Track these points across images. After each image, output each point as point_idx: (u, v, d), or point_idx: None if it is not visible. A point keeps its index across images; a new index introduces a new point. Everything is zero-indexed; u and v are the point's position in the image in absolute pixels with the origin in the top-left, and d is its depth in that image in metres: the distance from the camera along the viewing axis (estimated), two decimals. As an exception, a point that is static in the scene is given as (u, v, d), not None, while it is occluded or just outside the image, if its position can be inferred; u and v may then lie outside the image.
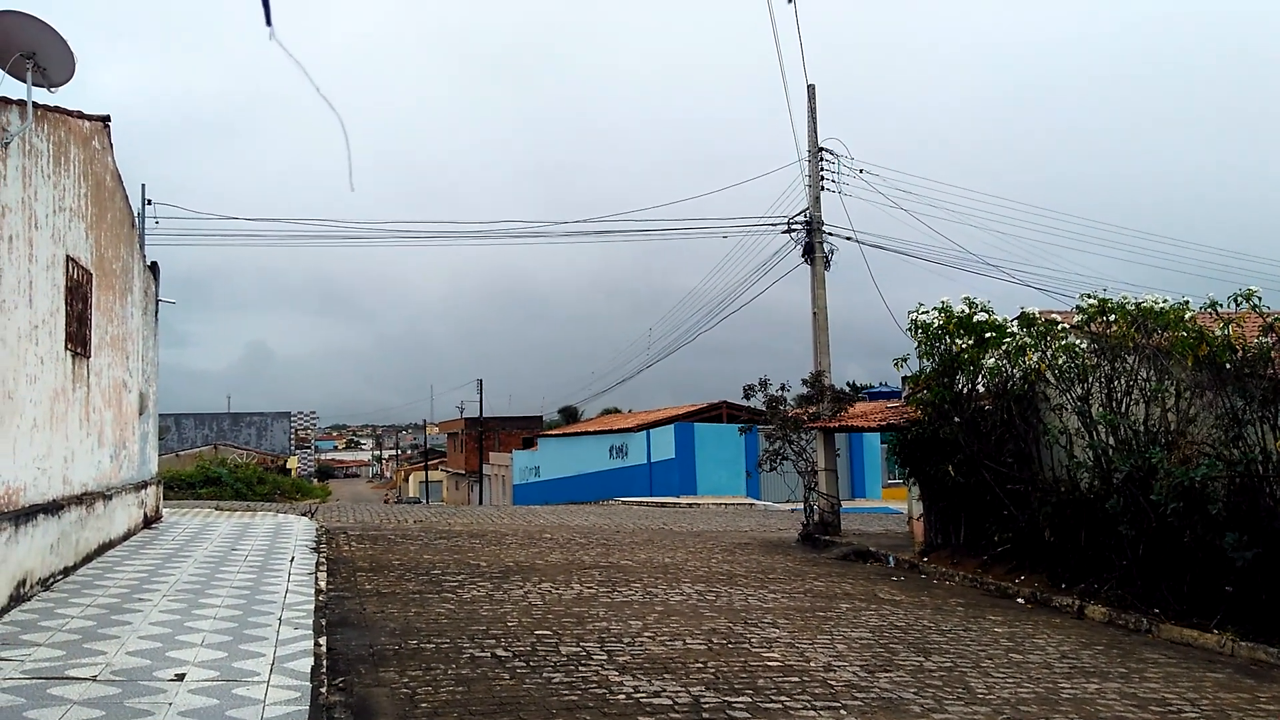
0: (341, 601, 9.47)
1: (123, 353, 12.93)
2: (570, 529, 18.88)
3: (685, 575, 12.41)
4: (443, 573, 11.65)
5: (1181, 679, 7.82)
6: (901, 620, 9.88)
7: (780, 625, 9.25)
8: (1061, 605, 11.13)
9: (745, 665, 7.53)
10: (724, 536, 18.80)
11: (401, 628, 8.34)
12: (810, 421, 19.26)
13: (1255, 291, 10.39)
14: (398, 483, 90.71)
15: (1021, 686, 7.27)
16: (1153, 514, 10.24)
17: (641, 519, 23.72)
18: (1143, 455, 10.64)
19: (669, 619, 9.30)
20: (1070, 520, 11.72)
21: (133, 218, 14.19)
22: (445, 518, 21.51)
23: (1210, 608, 9.68)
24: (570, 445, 49.83)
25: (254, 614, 8.20)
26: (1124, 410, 11.35)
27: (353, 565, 11.97)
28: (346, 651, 7.36)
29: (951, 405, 13.82)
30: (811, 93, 21.06)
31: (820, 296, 20.90)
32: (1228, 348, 10.17)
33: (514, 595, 10.27)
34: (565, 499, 41.51)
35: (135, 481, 13.57)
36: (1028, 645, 8.89)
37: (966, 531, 14.29)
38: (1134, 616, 10.17)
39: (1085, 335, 12.12)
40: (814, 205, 21.07)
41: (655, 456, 40.86)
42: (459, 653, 7.50)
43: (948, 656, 8.19)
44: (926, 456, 14.59)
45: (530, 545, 15.20)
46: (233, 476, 32.16)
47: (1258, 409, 9.88)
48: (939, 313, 14.03)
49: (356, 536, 15.29)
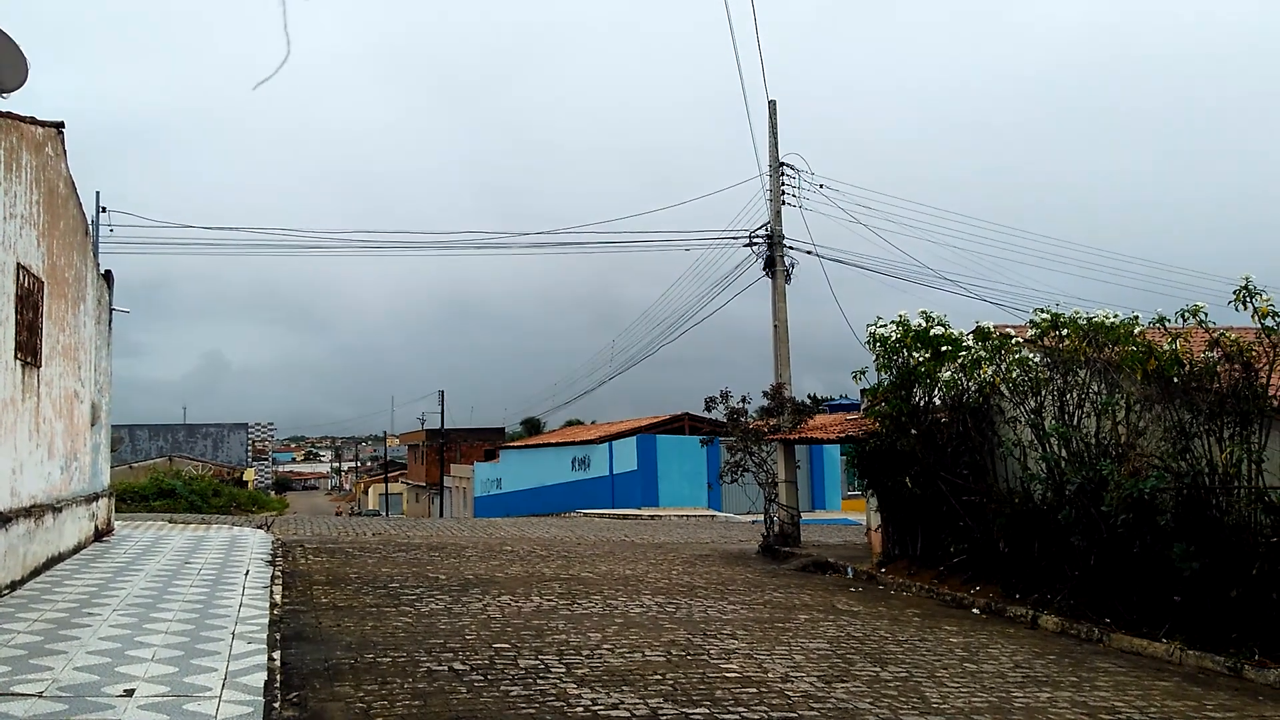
0: (297, 615, 9.36)
1: (75, 362, 12.70)
2: (531, 541, 18.80)
3: (645, 587, 12.41)
4: (401, 586, 11.56)
5: (1131, 688, 7.97)
6: (859, 631, 9.97)
7: (739, 637, 9.29)
8: (1015, 615, 11.29)
9: (704, 677, 7.56)
10: (685, 548, 18.83)
11: (358, 641, 8.26)
12: (771, 434, 19.37)
13: (1201, 307, 10.64)
14: (357, 495, 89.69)
15: (975, 696, 7.37)
16: (1104, 525, 10.43)
17: (603, 531, 23.68)
18: (1094, 467, 10.85)
19: (628, 631, 9.30)
20: (1024, 531, 11.90)
21: (86, 225, 13.97)
22: (404, 530, 21.33)
23: (1159, 617, 9.86)
24: (532, 457, 49.62)
25: (207, 628, 8.08)
26: (1076, 423, 11.56)
27: (309, 579, 11.83)
28: (301, 666, 7.28)
29: (908, 418, 13.99)
30: (773, 109, 21.27)
31: (781, 309, 21.07)
32: (1175, 362, 10.39)
33: (473, 608, 10.22)
34: (527, 511, 41.32)
35: (86, 494, 13.31)
36: (982, 655, 9.01)
37: (923, 542, 14.45)
38: (1086, 626, 10.35)
39: (1038, 349, 12.33)
40: (775, 219, 21.25)
41: (618, 468, 40.83)
42: (416, 666, 7.45)
43: (903, 667, 8.28)
44: (884, 468, 14.74)
45: (490, 558, 15.12)
46: (187, 489, 31.66)
47: (1204, 422, 10.10)
48: (896, 326, 14.21)
49: (313, 549, 15.11)
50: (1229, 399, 9.89)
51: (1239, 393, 9.85)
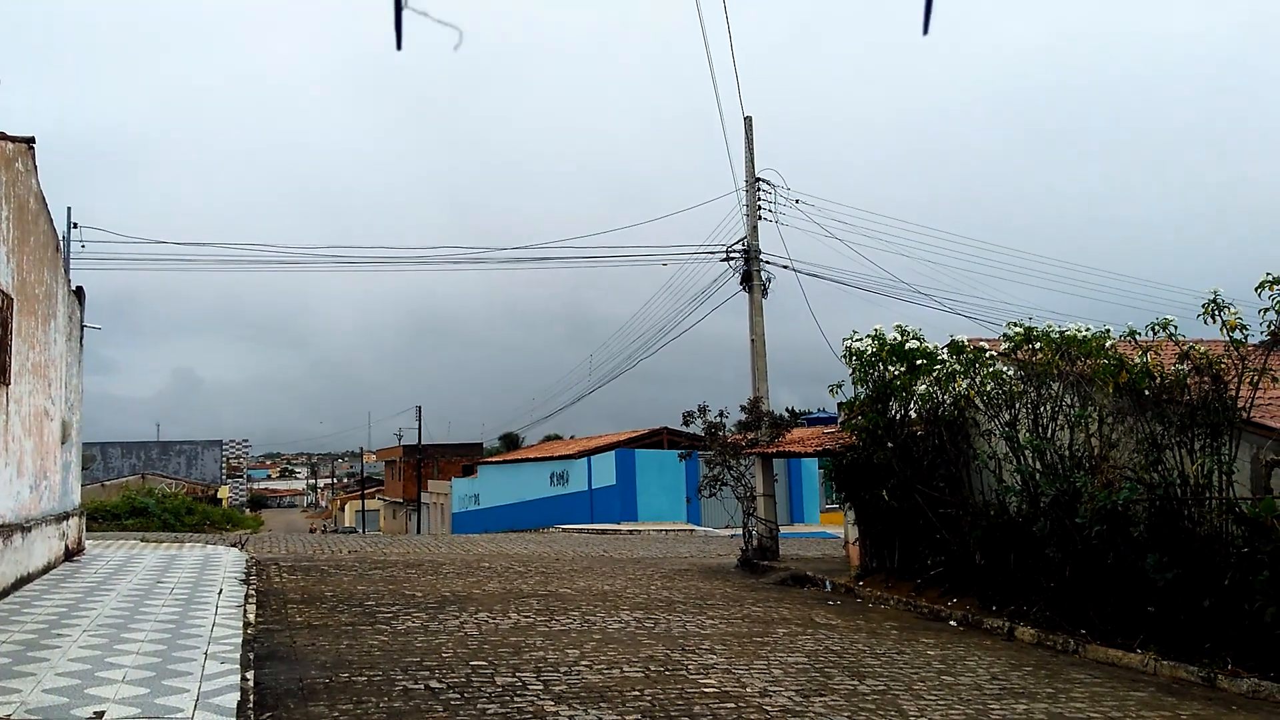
0: (271, 634, 9.25)
1: (45, 380, 12.54)
2: (509, 557, 18.71)
3: (624, 603, 12.37)
4: (377, 604, 11.46)
5: (1106, 699, 8.01)
6: (837, 644, 9.98)
7: (718, 651, 9.27)
8: (992, 627, 11.35)
9: (682, 692, 7.53)
10: (664, 563, 18.80)
11: (333, 660, 8.18)
12: (749, 447, 19.39)
13: (1171, 320, 10.76)
14: (333, 512, 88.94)
15: (952, 709, 7.39)
16: (1078, 537, 10.51)
17: (582, 546, 23.60)
18: (1068, 479, 10.94)
19: (607, 647, 9.26)
20: (1000, 543, 11.97)
21: (57, 241, 13.84)
22: (381, 547, 21.16)
23: (1134, 628, 9.94)
24: (510, 472, 49.42)
25: (179, 648, 7.98)
26: (1050, 435, 11.66)
27: (283, 597, 11.70)
28: (275, 686, 7.19)
29: (885, 431, 14.06)
30: (749, 124, 21.40)
31: (758, 324, 21.15)
32: (1146, 375, 10.51)
33: (450, 626, 10.14)
34: (505, 527, 41.12)
35: (56, 513, 13.13)
36: (959, 667, 9.04)
37: (901, 555, 14.50)
38: (1061, 637, 10.41)
39: (1012, 363, 12.44)
40: (752, 234, 21.35)
41: (596, 483, 40.73)
42: (391, 685, 7.38)
43: (881, 680, 8.29)
44: (861, 481, 14.79)
45: (468, 574, 15.03)
46: (160, 507, 31.27)
47: (1175, 434, 10.22)
48: (872, 340, 14.29)
49: (288, 568, 14.96)
50: (1199, 411, 10.02)
51: (1209, 405, 9.97)
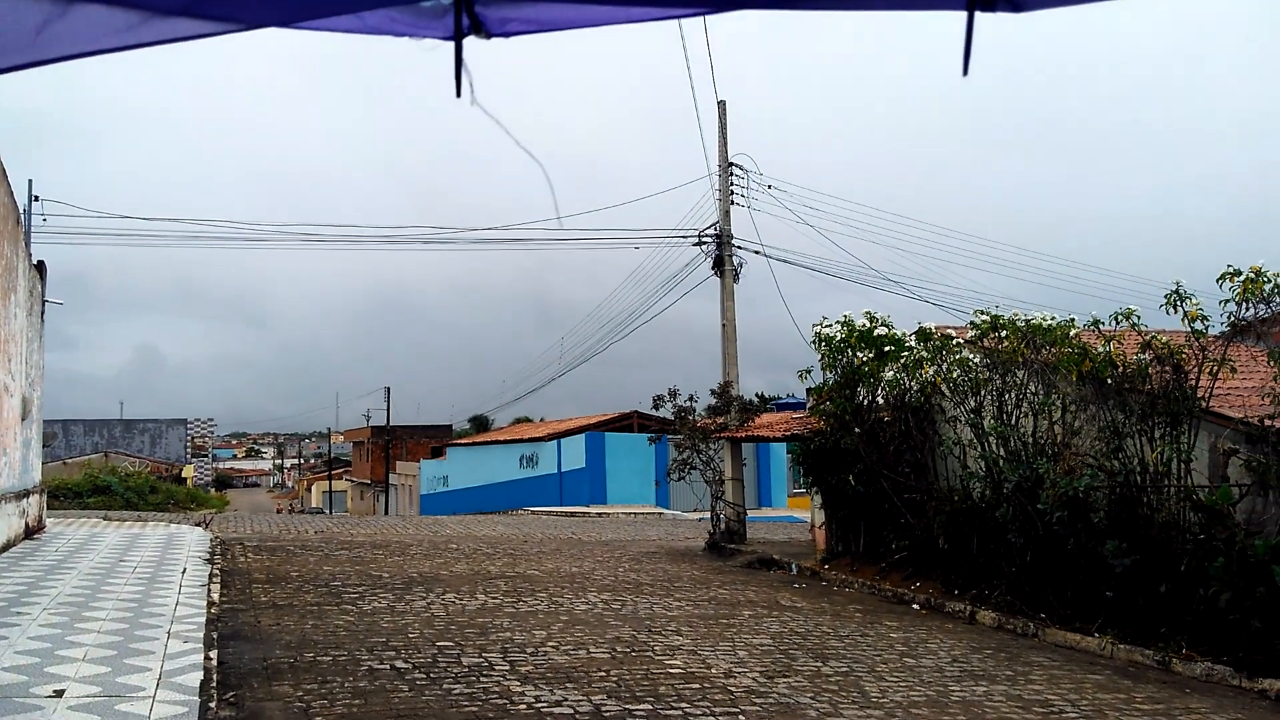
0: (235, 614, 9.20)
1: (4, 355, 12.33)
2: (477, 539, 18.68)
3: (592, 584, 12.41)
4: (343, 584, 11.41)
5: (1064, 681, 8.17)
6: (801, 627, 10.08)
7: (684, 633, 9.34)
8: (954, 610, 11.51)
9: (648, 673, 7.59)
10: (632, 545, 18.86)
11: (298, 640, 8.14)
12: (718, 432, 19.46)
13: (1134, 311, 10.91)
14: (300, 492, 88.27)
15: (914, 690, 7.50)
16: (1039, 522, 10.67)
17: (550, 528, 23.62)
18: (1030, 466, 11.09)
19: (574, 628, 9.30)
20: (963, 528, 12.12)
21: (18, 214, 13.57)
22: (348, 528, 21.06)
23: (1092, 612, 10.12)
24: (480, 455, 49.28)
25: (141, 627, 7.91)
26: (1014, 422, 11.81)
27: (248, 577, 11.63)
28: (239, 665, 7.16)
29: (852, 416, 14.17)
30: (723, 109, 21.35)
31: (729, 308, 21.20)
32: (1109, 364, 10.66)
33: (416, 606, 10.13)
34: (474, 509, 41.03)
35: (16, 490, 12.93)
36: (921, 650, 9.17)
37: (866, 539, 14.65)
38: (1022, 621, 10.58)
39: (978, 350, 12.57)
40: (724, 219, 21.36)
41: (566, 466, 40.73)
42: (357, 665, 7.37)
43: (844, 661, 8.39)
44: (828, 466, 14.91)
45: (435, 556, 15.00)
46: (123, 485, 30.86)
47: (1136, 422, 10.39)
48: (841, 326, 14.39)
49: (253, 547, 14.85)
50: (1160, 400, 10.19)
51: (1169, 394, 10.14)
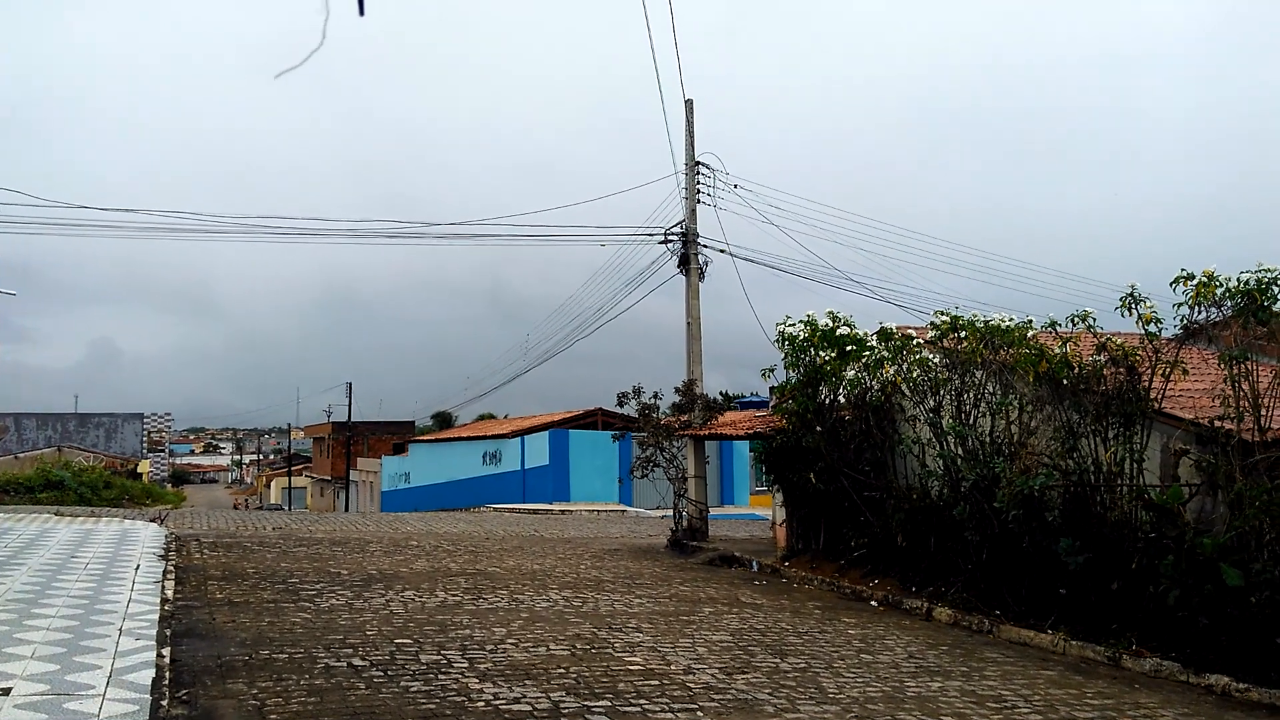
0: (189, 611, 9.07)
1: (-48, 346, 12.05)
2: (438, 536, 18.58)
3: (553, 582, 12.39)
4: (300, 581, 11.29)
5: (1017, 677, 8.29)
6: (761, 623, 10.14)
7: (644, 630, 9.35)
8: (911, 608, 11.63)
9: (607, 670, 7.59)
10: (594, 543, 18.87)
11: (253, 638, 8.05)
12: (682, 429, 19.51)
13: (1090, 313, 11.10)
14: (259, 488, 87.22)
15: (870, 686, 7.57)
16: (995, 521, 10.82)
17: (513, 526, 23.55)
18: (988, 465, 11.25)
19: (534, 625, 9.28)
20: (921, 526, 12.26)
21: (-32, 202, 13.26)
22: (307, 524, 20.85)
23: (1046, 609, 10.28)
24: (442, 451, 48.99)
25: (92, 624, 7.78)
26: (972, 422, 11.96)
27: (204, 573, 11.47)
28: (192, 663, 7.06)
29: (814, 415, 14.27)
30: (689, 107, 21.40)
31: (694, 306, 21.27)
32: (1065, 365, 10.84)
33: (375, 604, 10.05)
34: (436, 506, 40.79)
35: (-37, 485, 12.66)
36: (878, 646, 9.26)
37: (826, 537, 14.77)
38: (977, 618, 10.72)
39: (938, 350, 12.71)
40: (690, 217, 21.42)
41: (529, 463, 40.59)
42: (313, 663, 7.29)
43: (803, 658, 8.46)
44: (790, 464, 15.01)
45: (395, 553, 14.89)
46: (77, 480, 30.34)
47: (1090, 423, 10.57)
48: (805, 326, 14.49)
49: (209, 544, 14.65)
50: (1114, 400, 10.37)
51: (1123, 395, 10.33)
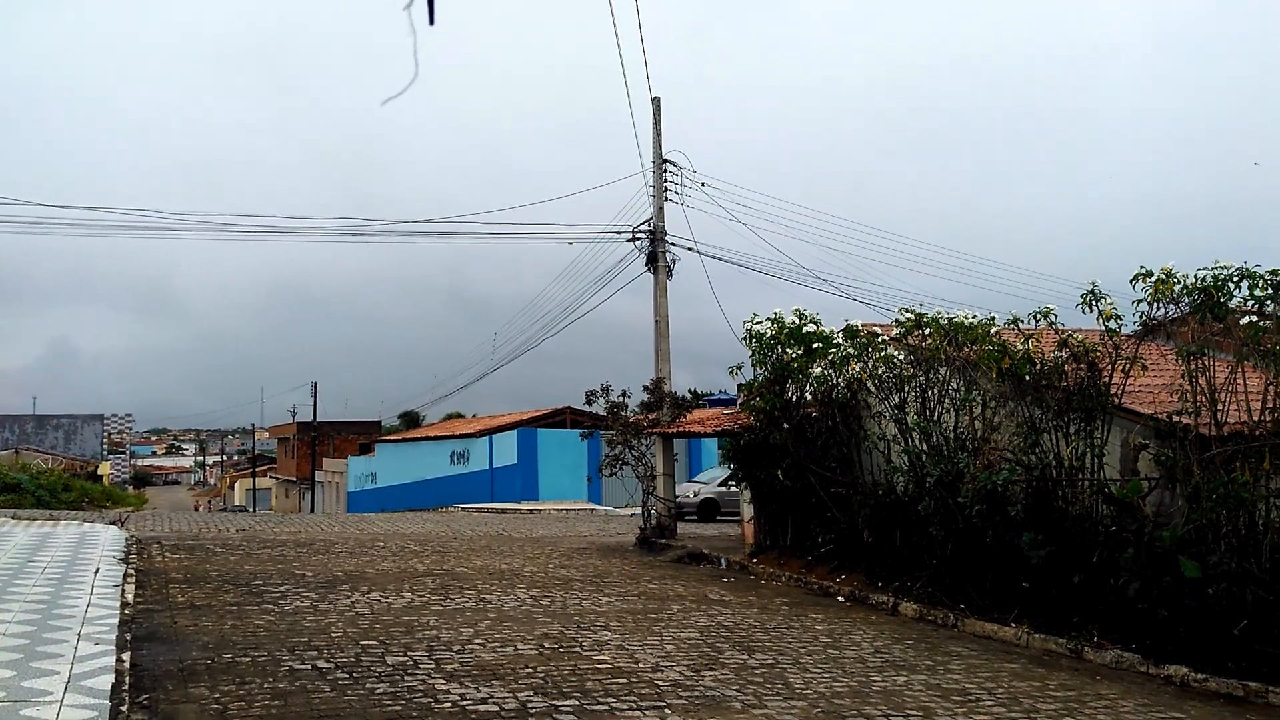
0: (151, 615, 8.93)
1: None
2: (405, 536, 18.45)
3: (521, 581, 12.35)
4: (264, 583, 11.17)
5: (981, 670, 8.38)
6: (729, 620, 10.17)
7: (612, 628, 9.35)
8: (878, 603, 11.73)
9: (575, 669, 7.58)
10: (563, 541, 18.83)
11: (216, 641, 7.94)
12: (650, 427, 19.52)
13: (1052, 310, 11.24)
14: (222, 490, 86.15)
15: (837, 681, 7.62)
16: (960, 515, 10.93)
17: (481, 525, 23.45)
18: (952, 460, 11.36)
19: (501, 625, 9.24)
20: (887, 522, 12.36)
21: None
22: (271, 526, 20.62)
23: (1010, 603, 10.40)
24: (409, 451, 48.67)
25: (50, 629, 7.63)
26: (936, 418, 12.07)
27: (165, 577, 11.31)
28: (153, 667, 6.95)
29: (781, 412, 14.34)
30: (657, 105, 21.42)
31: (662, 305, 21.30)
32: (1027, 361, 10.97)
33: (340, 605, 9.96)
34: (403, 506, 40.50)
35: (-85, 489, 12.38)
36: (845, 641, 9.32)
37: (793, 533, 14.85)
38: (942, 612, 10.83)
39: (903, 347, 12.81)
40: (657, 215, 21.44)
41: (498, 462, 40.44)
42: (277, 666, 7.21)
43: (770, 654, 8.49)
44: (758, 461, 15.07)
45: (361, 554, 14.77)
46: (34, 483, 29.77)
47: (1052, 418, 10.71)
48: (772, 324, 14.55)
49: (171, 546, 14.45)
50: (1075, 396, 10.52)
51: (1084, 390, 10.48)
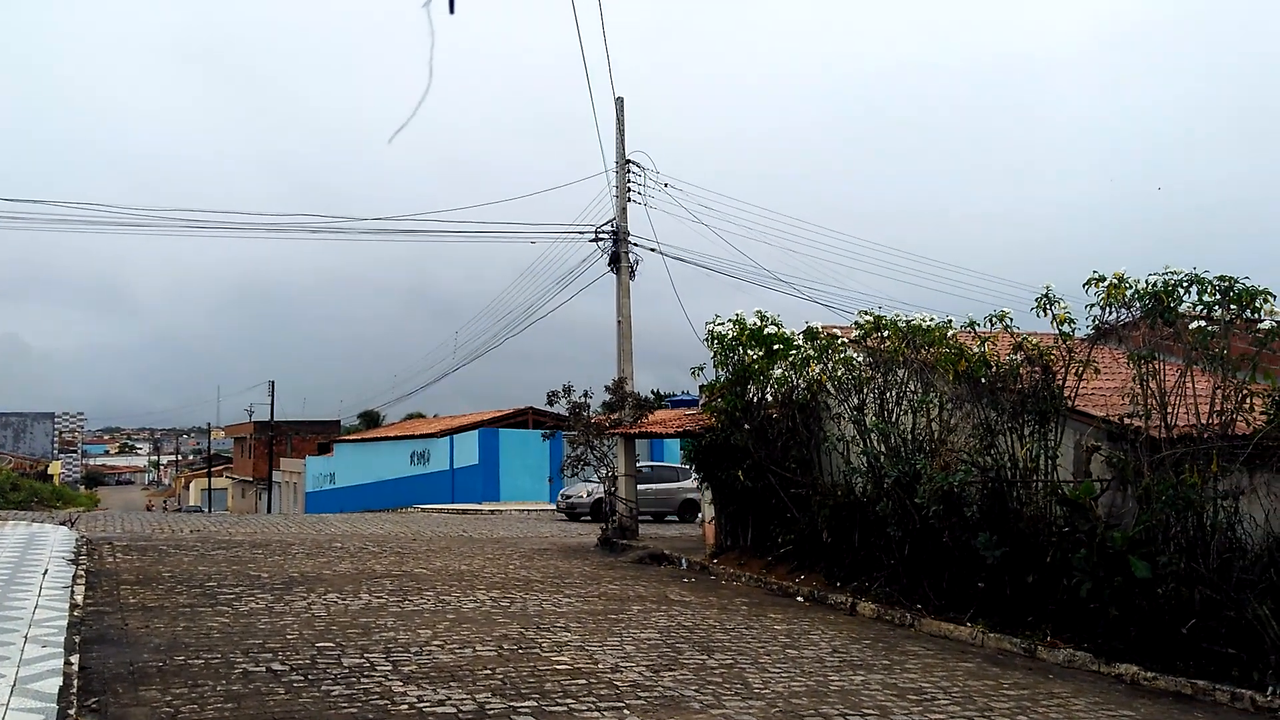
0: (101, 617, 8.76)
1: None
2: (363, 537, 18.28)
3: (481, 582, 12.28)
4: (218, 585, 11.00)
5: (937, 669, 8.48)
6: (689, 620, 10.19)
7: (572, 629, 9.33)
8: (836, 603, 11.82)
9: (534, 670, 7.55)
10: (524, 542, 18.77)
11: (168, 643, 7.81)
12: (612, 428, 19.53)
13: (1008, 313, 11.39)
14: (177, 490, 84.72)
15: (795, 680, 7.67)
16: (917, 516, 11.05)
17: (441, 526, 23.29)
18: (909, 462, 11.47)
19: (460, 627, 9.18)
20: (846, 522, 12.46)
21: None
22: (226, 526, 20.33)
23: (965, 602, 10.54)
24: (369, 451, 48.21)
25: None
26: (894, 420, 12.19)
27: (116, 578, 11.10)
28: (103, 670, 6.82)
29: (743, 413, 14.40)
30: (620, 105, 21.43)
31: (625, 305, 21.30)
32: (983, 364, 11.11)
33: (296, 607, 9.84)
34: (362, 507, 40.11)
35: None
36: (803, 641, 9.38)
37: (754, 533, 14.92)
38: (899, 612, 10.94)
39: (862, 349, 12.93)
40: (620, 216, 21.45)
41: (459, 462, 40.19)
42: (231, 668, 7.11)
43: (729, 654, 8.53)
44: (719, 462, 15.13)
45: (318, 555, 14.60)
46: (-19, 483, 29.08)
47: (1007, 420, 10.86)
48: (733, 325, 14.61)
49: (123, 547, 14.18)
50: (1030, 399, 10.67)
51: (1038, 393, 10.63)
